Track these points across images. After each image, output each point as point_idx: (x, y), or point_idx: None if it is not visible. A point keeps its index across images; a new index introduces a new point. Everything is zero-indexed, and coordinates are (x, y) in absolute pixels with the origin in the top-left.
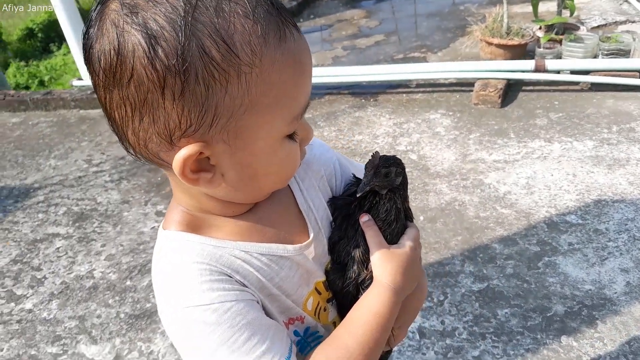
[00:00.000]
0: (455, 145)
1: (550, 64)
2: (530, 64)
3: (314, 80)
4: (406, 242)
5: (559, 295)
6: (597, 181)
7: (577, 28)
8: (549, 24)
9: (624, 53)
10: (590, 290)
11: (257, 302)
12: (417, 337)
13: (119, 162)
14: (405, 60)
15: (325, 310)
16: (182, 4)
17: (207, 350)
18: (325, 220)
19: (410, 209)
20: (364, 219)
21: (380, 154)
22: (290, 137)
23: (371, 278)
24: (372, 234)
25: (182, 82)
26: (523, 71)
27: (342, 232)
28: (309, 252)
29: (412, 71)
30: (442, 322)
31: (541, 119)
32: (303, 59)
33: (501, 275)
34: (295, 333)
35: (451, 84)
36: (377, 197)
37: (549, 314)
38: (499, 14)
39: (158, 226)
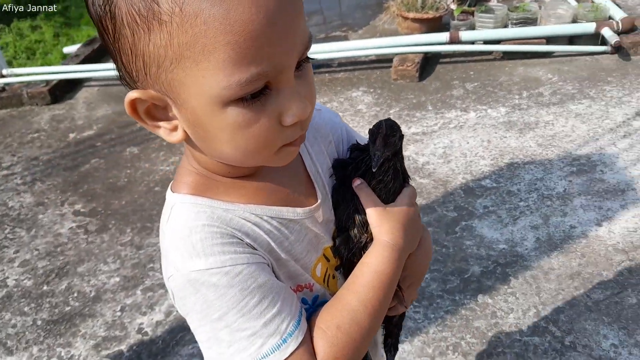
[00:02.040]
0: (376, 121)
1: (464, 35)
2: (444, 36)
3: None
4: (403, 200)
5: (476, 257)
6: (510, 145)
7: None
8: None
9: (532, 21)
10: (504, 249)
11: (268, 265)
12: None
13: (31, 163)
14: (327, 39)
15: (334, 277)
16: None
17: (216, 314)
18: (330, 186)
19: (406, 171)
20: (356, 183)
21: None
22: (246, 104)
23: (372, 240)
24: (364, 195)
25: (113, 25)
26: (438, 44)
27: (341, 195)
28: (318, 216)
29: (332, 50)
30: None
31: (457, 90)
32: (246, 15)
33: None
34: (304, 301)
35: (371, 61)
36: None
37: (466, 276)
38: None
39: (74, 225)
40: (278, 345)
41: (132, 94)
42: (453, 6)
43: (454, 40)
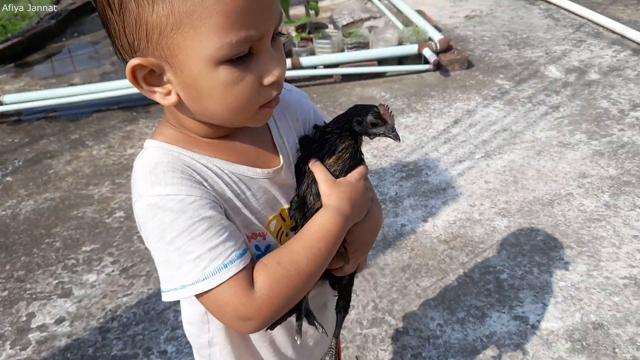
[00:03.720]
0: None
1: (304, 60)
2: (287, 62)
3: (80, 98)
4: (352, 175)
5: None
6: None
7: (326, 26)
8: (299, 24)
9: (364, 45)
10: None
11: (220, 207)
12: None
13: None
14: None
15: (287, 235)
16: None
17: (169, 237)
18: (295, 158)
19: (362, 153)
20: (311, 162)
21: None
22: (234, 64)
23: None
24: (318, 170)
25: (120, 0)
26: None
27: (303, 168)
28: (278, 179)
29: None
30: None
31: None
32: None
33: None
34: (257, 247)
35: None
36: (337, 140)
37: None
38: None
39: None
40: (219, 268)
41: (134, 61)
42: (293, 33)
43: (295, 66)
